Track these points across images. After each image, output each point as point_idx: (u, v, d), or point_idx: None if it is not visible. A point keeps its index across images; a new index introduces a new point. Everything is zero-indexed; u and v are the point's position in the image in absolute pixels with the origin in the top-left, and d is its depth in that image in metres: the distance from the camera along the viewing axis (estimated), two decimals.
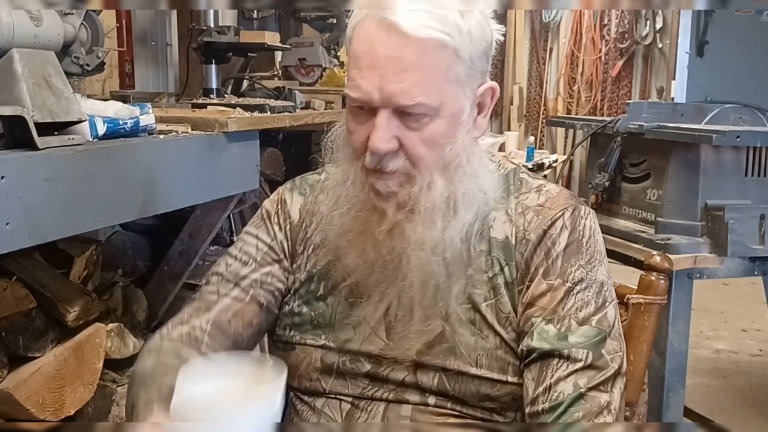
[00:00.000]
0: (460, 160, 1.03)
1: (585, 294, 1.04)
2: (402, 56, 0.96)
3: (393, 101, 0.97)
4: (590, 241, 1.07)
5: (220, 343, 1.12)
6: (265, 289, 1.14)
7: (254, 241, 1.17)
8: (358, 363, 1.09)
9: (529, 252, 1.06)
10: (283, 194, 1.20)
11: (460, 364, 1.05)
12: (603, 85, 6.07)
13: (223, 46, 2.67)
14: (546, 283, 1.04)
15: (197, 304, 1.15)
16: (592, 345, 1.01)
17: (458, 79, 1.00)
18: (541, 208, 1.08)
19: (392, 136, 0.99)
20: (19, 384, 1.73)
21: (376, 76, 0.97)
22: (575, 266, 1.05)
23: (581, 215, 1.08)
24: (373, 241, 1.04)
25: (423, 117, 0.99)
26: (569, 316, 1.02)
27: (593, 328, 1.02)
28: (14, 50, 1.46)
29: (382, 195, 1.02)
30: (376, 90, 0.97)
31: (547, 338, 1.02)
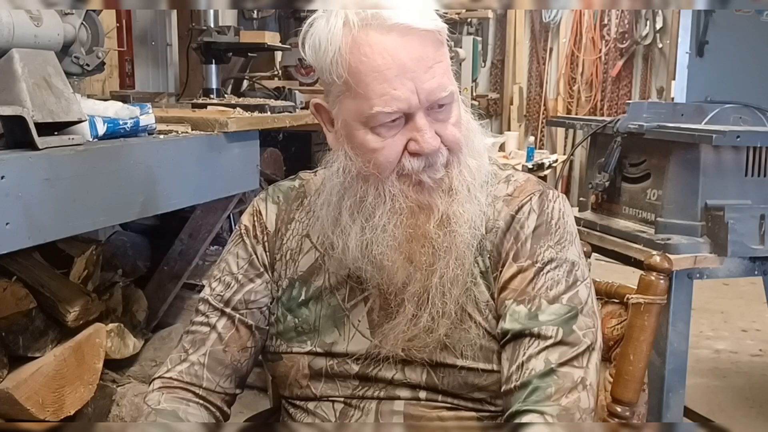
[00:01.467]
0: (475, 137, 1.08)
1: (555, 273, 1.05)
2: (425, 54, 0.98)
3: (432, 98, 0.99)
4: (559, 222, 1.08)
5: (220, 374, 1.14)
6: (251, 308, 1.16)
7: (234, 260, 1.18)
8: (346, 366, 1.10)
9: (498, 239, 1.07)
10: (258, 205, 1.21)
11: (446, 356, 1.06)
12: (603, 85, 6.07)
13: (223, 46, 2.67)
14: (516, 265, 1.05)
15: (191, 338, 1.16)
16: (562, 321, 1.02)
17: (450, 63, 1.04)
18: (510, 198, 1.10)
19: (434, 133, 1.01)
20: (19, 384, 1.73)
21: (409, 81, 0.98)
22: (544, 247, 1.06)
23: (549, 198, 1.10)
24: (425, 240, 1.04)
25: (451, 104, 1.02)
26: (539, 296, 1.03)
27: (564, 305, 1.03)
28: (14, 50, 1.46)
29: (428, 186, 1.03)
30: (413, 95, 0.98)
31: (518, 318, 1.03)
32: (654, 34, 5.78)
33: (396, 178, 1.03)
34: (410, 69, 0.97)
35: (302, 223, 1.16)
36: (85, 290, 2.00)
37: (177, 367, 1.15)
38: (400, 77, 0.97)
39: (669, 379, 1.89)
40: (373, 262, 1.05)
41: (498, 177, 1.13)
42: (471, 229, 1.05)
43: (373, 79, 0.98)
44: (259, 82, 3.11)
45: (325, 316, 1.11)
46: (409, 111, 0.99)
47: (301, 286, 1.14)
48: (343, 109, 1.03)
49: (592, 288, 1.09)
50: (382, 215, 1.04)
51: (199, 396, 1.13)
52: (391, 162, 1.01)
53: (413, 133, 1.00)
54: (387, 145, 1.01)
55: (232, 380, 1.16)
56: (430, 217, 1.04)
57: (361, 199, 1.05)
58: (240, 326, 1.15)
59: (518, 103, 6.42)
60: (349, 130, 1.03)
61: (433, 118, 1.01)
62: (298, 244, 1.15)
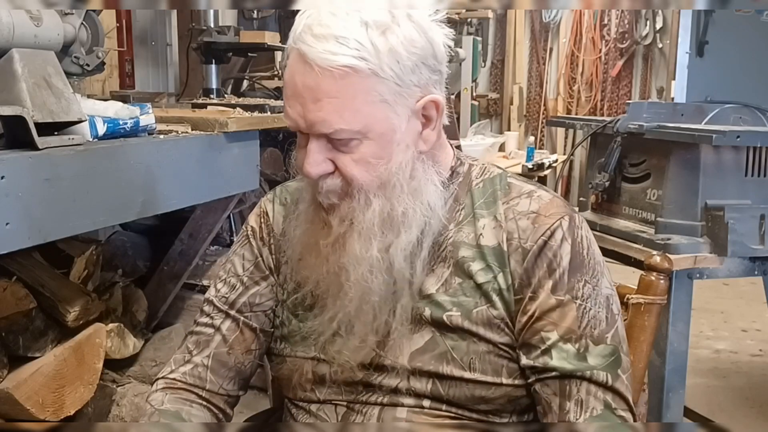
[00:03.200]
0: (398, 179, 1.02)
1: (596, 311, 1.04)
2: (316, 85, 0.96)
3: (314, 129, 0.98)
4: (590, 252, 1.07)
5: (223, 376, 1.15)
6: (256, 311, 1.16)
7: (240, 262, 1.18)
8: (350, 372, 1.09)
9: (529, 263, 1.04)
10: (265, 206, 1.20)
11: (453, 369, 1.04)
12: (603, 85, 6.07)
13: (223, 46, 2.67)
14: (555, 298, 1.03)
15: (195, 338, 1.16)
16: (608, 366, 1.03)
17: (383, 99, 0.98)
18: (537, 216, 1.06)
19: (324, 159, 1.00)
20: (19, 384, 1.73)
21: (299, 105, 0.98)
22: (581, 282, 1.04)
23: (577, 225, 1.07)
24: (318, 253, 1.05)
25: (350, 141, 0.99)
26: (585, 336, 1.03)
27: (608, 345, 1.04)
28: (14, 50, 1.46)
29: (325, 208, 1.04)
30: (300, 118, 0.99)
31: (567, 358, 1.02)
32: (654, 34, 5.79)
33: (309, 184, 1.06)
34: (299, 93, 0.98)
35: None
36: (85, 290, 2.00)
37: (181, 368, 1.15)
38: (293, 99, 0.99)
39: (669, 379, 1.89)
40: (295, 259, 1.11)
41: (518, 190, 1.10)
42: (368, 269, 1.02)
43: (283, 92, 1.03)
44: (259, 82, 3.11)
45: (329, 322, 1.10)
46: (300, 131, 1.01)
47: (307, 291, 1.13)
48: None
49: (622, 318, 1.09)
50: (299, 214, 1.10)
51: (202, 398, 1.13)
52: (299, 170, 1.05)
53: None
54: (300, 153, 1.05)
55: (236, 382, 1.16)
56: (327, 235, 1.04)
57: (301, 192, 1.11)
58: (244, 329, 1.15)
59: (518, 103, 6.42)
60: None
61: (334, 147, 1.00)
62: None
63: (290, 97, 0.99)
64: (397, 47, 0.97)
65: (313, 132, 0.99)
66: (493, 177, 1.12)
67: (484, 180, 1.11)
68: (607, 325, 1.04)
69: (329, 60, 0.95)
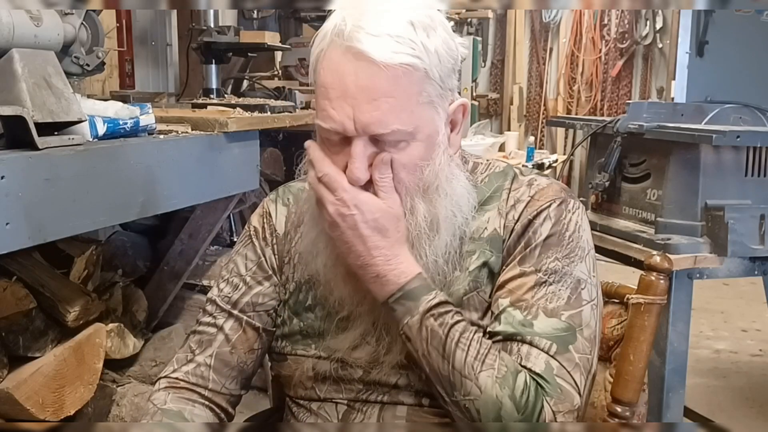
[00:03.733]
0: (440, 182, 1.02)
1: (557, 287, 1.03)
2: (373, 85, 0.94)
3: (368, 130, 0.96)
4: (574, 235, 1.06)
5: (226, 375, 1.15)
6: (258, 311, 1.16)
7: (243, 261, 1.18)
8: (351, 369, 1.10)
9: (512, 241, 1.06)
10: (268, 207, 1.20)
11: None
12: (603, 85, 6.07)
13: (223, 46, 2.67)
14: (519, 269, 1.04)
15: (198, 338, 1.16)
16: (558, 338, 1.00)
17: (431, 101, 0.99)
18: (531, 200, 1.08)
19: (369, 165, 0.98)
20: (19, 384, 1.73)
21: (348, 107, 0.95)
22: (551, 258, 1.04)
23: (569, 209, 1.07)
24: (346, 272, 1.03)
25: (400, 142, 0.98)
26: (537, 305, 1.02)
27: (562, 321, 1.01)
28: (14, 50, 1.46)
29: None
30: (349, 120, 0.96)
31: (512, 322, 1.01)
32: (654, 34, 5.78)
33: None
34: (351, 95, 0.95)
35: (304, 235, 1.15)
36: (85, 290, 2.00)
37: (183, 367, 1.15)
38: (340, 100, 0.96)
39: (669, 379, 1.89)
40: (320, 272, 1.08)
41: (520, 181, 1.11)
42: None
43: (320, 94, 0.99)
44: (259, 82, 3.11)
45: (331, 321, 1.11)
46: (345, 134, 0.97)
47: (308, 290, 1.13)
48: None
49: (598, 312, 1.06)
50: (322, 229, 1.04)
51: (205, 397, 1.14)
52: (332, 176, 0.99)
53: (347, 157, 0.98)
54: (333, 160, 1.00)
55: (238, 381, 1.16)
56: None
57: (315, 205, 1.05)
58: (247, 328, 1.15)
59: (518, 103, 6.42)
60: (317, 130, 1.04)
61: (380, 150, 0.98)
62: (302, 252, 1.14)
63: (336, 99, 0.96)
64: (440, 49, 0.98)
65: (366, 133, 0.96)
66: (498, 172, 1.13)
67: (489, 175, 1.13)
68: (567, 305, 1.02)
69: (390, 57, 0.94)
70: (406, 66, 0.95)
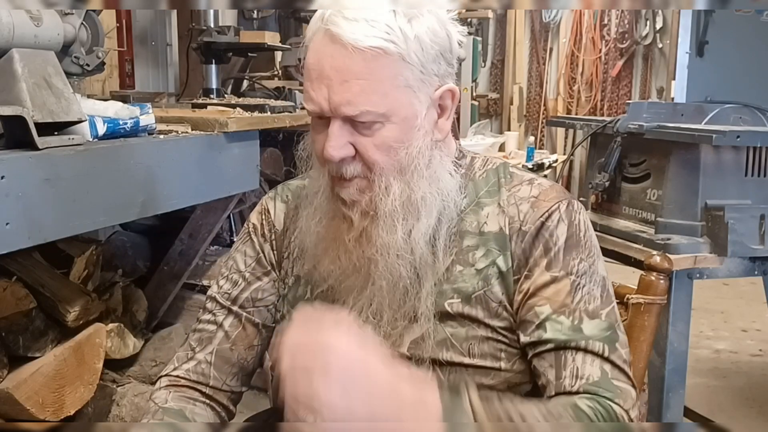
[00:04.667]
0: (417, 164, 1.04)
1: (590, 287, 1.05)
2: (345, 66, 0.97)
3: (339, 111, 0.99)
4: (587, 235, 1.09)
5: (227, 372, 1.15)
6: (258, 306, 1.17)
7: (242, 258, 1.19)
8: None
9: (527, 243, 1.07)
10: (266, 204, 1.22)
11: (453, 355, 1.06)
12: (603, 85, 6.07)
13: (223, 46, 2.67)
14: (549, 274, 1.05)
15: (198, 336, 1.17)
16: (606, 338, 1.02)
17: (408, 84, 1.01)
18: (536, 200, 1.09)
19: (346, 143, 1.00)
20: (19, 384, 1.73)
21: (324, 87, 0.99)
22: (577, 259, 1.06)
23: (575, 210, 1.09)
24: (344, 248, 1.06)
25: (373, 124, 1.00)
26: (579, 309, 1.03)
27: (603, 321, 1.04)
28: (14, 50, 1.46)
29: (347, 203, 1.05)
30: (325, 101, 0.99)
31: (562, 330, 1.02)
32: (654, 34, 5.79)
33: (327, 176, 1.05)
34: (327, 75, 0.98)
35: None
36: (85, 290, 2.00)
37: (184, 365, 1.15)
38: (318, 81, 0.99)
39: (669, 379, 1.89)
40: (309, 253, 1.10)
41: (519, 178, 1.12)
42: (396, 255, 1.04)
43: (306, 76, 1.02)
44: (259, 82, 3.11)
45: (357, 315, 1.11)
46: (323, 115, 1.01)
47: (306, 284, 1.14)
48: None
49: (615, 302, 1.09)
50: (314, 209, 1.08)
51: (206, 395, 1.14)
52: (320, 158, 1.04)
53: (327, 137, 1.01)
54: (317, 140, 1.04)
55: (239, 378, 1.17)
56: (349, 229, 1.05)
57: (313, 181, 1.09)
58: (247, 324, 1.16)
59: (518, 103, 6.42)
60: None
61: (355, 130, 1.01)
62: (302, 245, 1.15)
63: (315, 80, 1.00)
64: (422, 35, 1.00)
65: (338, 114, 0.99)
66: (496, 167, 1.14)
67: (487, 170, 1.14)
68: (602, 303, 1.05)
69: (361, 40, 0.96)
70: (378, 49, 0.97)
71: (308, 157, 1.11)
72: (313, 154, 1.09)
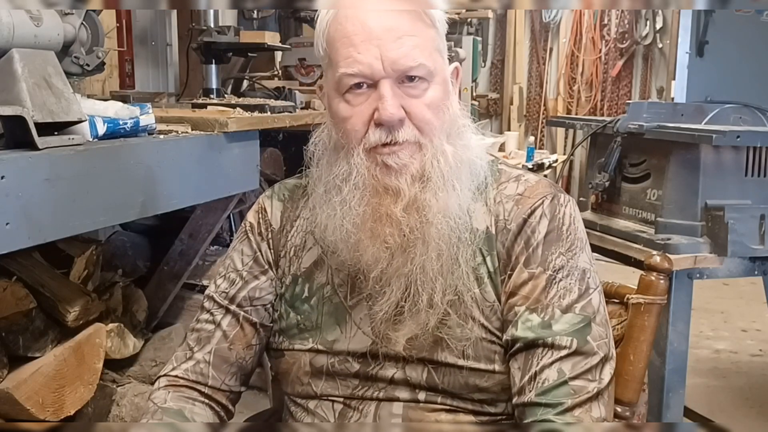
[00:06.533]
0: (458, 128, 1.08)
1: (567, 281, 1.04)
2: (397, 24, 1.01)
3: (397, 66, 1.00)
4: (570, 228, 1.08)
5: (225, 372, 1.15)
6: (256, 305, 1.16)
7: (239, 257, 1.19)
8: (347, 363, 1.10)
9: (509, 241, 1.07)
10: (263, 203, 1.21)
11: (447, 356, 1.06)
12: (603, 85, 6.07)
13: (223, 46, 2.67)
14: (527, 271, 1.05)
15: (196, 335, 1.17)
16: (576, 332, 1.02)
17: (439, 49, 1.06)
18: (521, 197, 1.09)
19: (398, 104, 1.01)
20: (19, 384, 1.73)
21: (375, 48, 1.00)
22: (555, 254, 1.05)
23: (561, 203, 1.09)
24: (391, 222, 1.03)
25: (422, 83, 1.03)
26: (552, 305, 1.03)
27: (577, 315, 1.03)
28: (14, 50, 1.46)
29: (394, 170, 1.03)
30: (377, 60, 1.00)
31: (531, 327, 1.02)
32: (654, 34, 5.78)
33: (364, 152, 1.03)
34: (377, 36, 1.00)
35: (307, 220, 1.16)
36: (85, 290, 1.99)
37: (182, 365, 1.15)
38: (366, 43, 1.00)
39: (669, 379, 1.89)
40: (343, 240, 1.06)
41: (507, 175, 1.12)
42: (447, 220, 1.03)
43: (342, 45, 1.02)
44: (259, 82, 3.11)
45: (327, 313, 1.12)
46: (373, 77, 1.01)
47: (304, 282, 1.14)
48: (326, 80, 1.08)
49: (602, 295, 1.08)
50: (348, 191, 1.05)
51: (205, 394, 1.14)
52: (357, 131, 1.03)
53: (377, 102, 1.01)
54: (355, 113, 1.03)
55: (237, 378, 1.17)
56: (397, 200, 1.03)
57: (334, 173, 1.07)
58: (245, 324, 1.16)
59: (518, 103, 6.42)
60: (329, 101, 1.07)
61: (404, 92, 1.02)
62: (302, 241, 1.16)
63: (361, 43, 1.00)
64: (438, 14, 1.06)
65: (395, 69, 1.00)
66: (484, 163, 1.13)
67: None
68: (579, 297, 1.04)
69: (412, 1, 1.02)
70: (422, 10, 1.02)
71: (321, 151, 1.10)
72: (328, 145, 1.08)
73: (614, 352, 1.06)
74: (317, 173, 1.11)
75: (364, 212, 1.04)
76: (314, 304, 1.13)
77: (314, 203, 1.12)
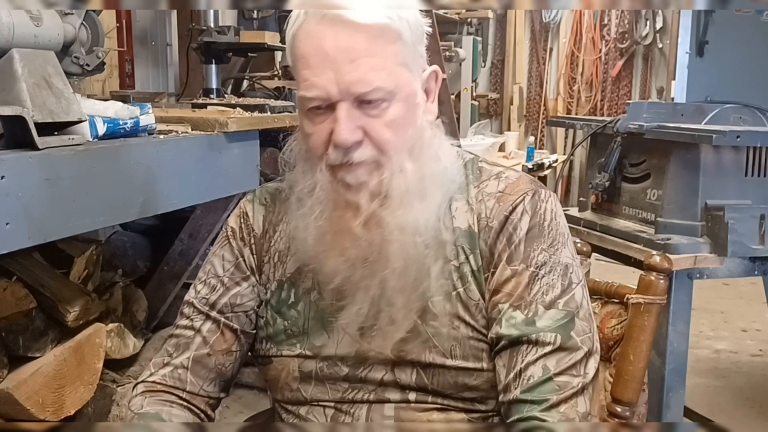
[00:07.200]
0: (423, 142, 1.05)
1: (549, 277, 1.04)
2: (352, 45, 0.97)
3: (351, 91, 0.98)
4: (552, 224, 1.07)
5: (204, 377, 1.14)
6: (237, 312, 1.15)
7: (220, 263, 1.17)
8: (336, 367, 1.09)
9: (491, 239, 1.06)
10: (245, 207, 1.19)
11: (435, 356, 1.05)
12: (603, 85, 6.07)
13: (223, 46, 2.67)
14: (510, 269, 1.04)
15: (175, 341, 1.15)
16: (559, 327, 1.01)
17: (405, 62, 1.02)
18: (502, 195, 1.08)
19: (356, 126, 1.00)
20: (19, 384, 1.73)
21: (330, 71, 0.98)
22: (537, 250, 1.05)
23: (542, 199, 1.08)
24: (351, 237, 1.04)
25: (382, 102, 1.00)
26: (535, 301, 1.03)
27: (560, 310, 1.03)
28: (14, 50, 1.46)
29: (353, 187, 1.02)
30: (332, 84, 0.98)
31: (515, 324, 1.02)
32: (654, 34, 5.78)
33: (325, 167, 1.03)
34: (332, 59, 0.97)
35: (290, 224, 1.14)
36: (85, 290, 2.00)
37: (160, 371, 1.14)
38: (321, 66, 0.98)
39: (669, 379, 1.89)
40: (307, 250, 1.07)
41: (488, 173, 1.12)
42: (409, 237, 1.03)
43: (301, 65, 1.01)
44: (259, 82, 3.11)
45: (314, 318, 1.11)
46: (329, 99, 0.99)
47: (290, 288, 1.13)
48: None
49: (586, 290, 1.08)
50: (312, 204, 1.05)
51: (183, 399, 1.13)
52: (318, 148, 1.02)
53: (332, 125, 1.00)
54: (316, 132, 1.02)
55: (216, 384, 1.15)
56: (356, 216, 1.03)
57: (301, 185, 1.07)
58: (225, 330, 1.14)
59: (518, 103, 6.42)
60: (298, 113, 1.07)
61: (362, 113, 1.00)
62: (286, 246, 1.14)
63: (317, 66, 0.98)
64: (410, 17, 1.02)
65: (349, 94, 0.98)
66: (466, 162, 1.14)
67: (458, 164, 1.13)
68: (562, 292, 1.04)
69: (365, 17, 0.97)
70: (382, 25, 0.98)
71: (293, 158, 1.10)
72: (299, 154, 1.09)
73: (598, 345, 1.06)
74: (293, 178, 1.11)
75: (324, 225, 1.05)
76: (301, 310, 1.11)
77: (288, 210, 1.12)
